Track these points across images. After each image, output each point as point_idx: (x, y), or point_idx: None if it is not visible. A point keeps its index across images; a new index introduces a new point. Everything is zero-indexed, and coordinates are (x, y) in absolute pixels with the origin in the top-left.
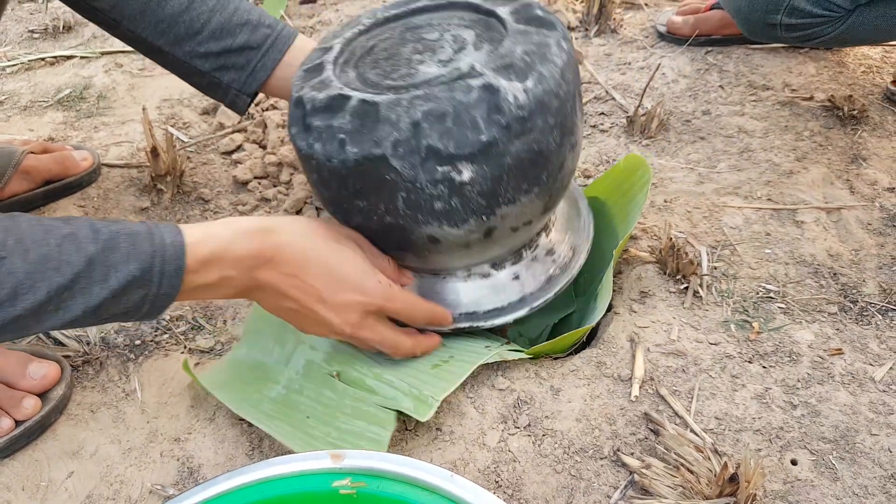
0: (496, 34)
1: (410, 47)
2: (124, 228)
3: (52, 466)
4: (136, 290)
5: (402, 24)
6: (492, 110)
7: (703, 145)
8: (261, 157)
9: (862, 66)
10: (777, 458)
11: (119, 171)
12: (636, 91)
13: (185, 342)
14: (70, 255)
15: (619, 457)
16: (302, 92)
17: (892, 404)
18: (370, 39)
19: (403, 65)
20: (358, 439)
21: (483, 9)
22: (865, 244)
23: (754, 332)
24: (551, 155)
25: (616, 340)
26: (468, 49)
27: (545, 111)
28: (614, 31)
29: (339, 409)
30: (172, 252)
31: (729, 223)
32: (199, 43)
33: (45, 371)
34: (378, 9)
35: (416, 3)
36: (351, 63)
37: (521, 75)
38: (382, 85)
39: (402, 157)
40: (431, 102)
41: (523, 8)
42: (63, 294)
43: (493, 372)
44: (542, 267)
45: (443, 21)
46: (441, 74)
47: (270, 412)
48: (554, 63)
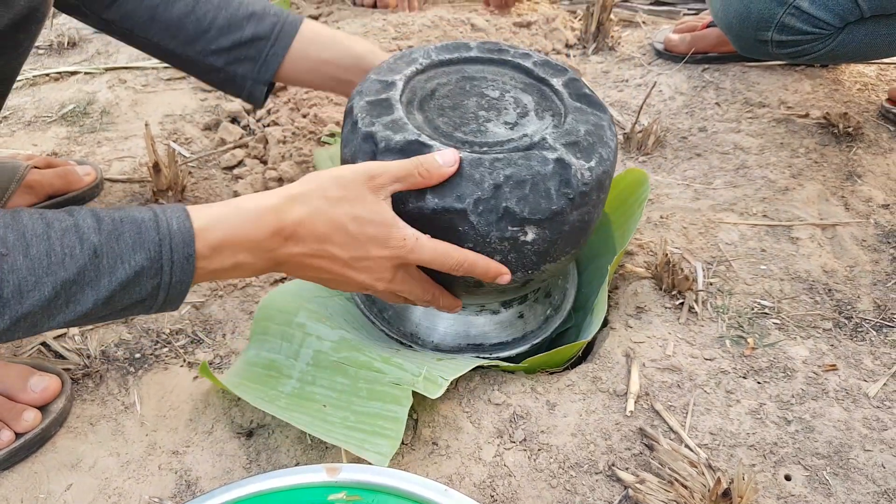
0: (554, 105)
1: (474, 101)
2: (128, 216)
3: (50, 479)
4: (146, 280)
5: (457, 71)
6: (563, 184)
7: (700, 162)
8: (262, 173)
9: (857, 83)
10: (771, 473)
11: (121, 186)
12: (633, 108)
13: (185, 356)
14: (73, 247)
15: (614, 472)
16: (374, 128)
17: (885, 420)
18: (428, 81)
19: (471, 119)
20: (376, 419)
21: (535, 74)
22: (860, 260)
23: (749, 347)
24: (593, 223)
25: (612, 355)
26: (530, 116)
27: (600, 188)
28: (612, 48)
29: (354, 394)
30: (180, 239)
31: (724, 239)
32: (209, 41)
33: (46, 384)
34: (430, 48)
35: (466, 51)
36: (415, 104)
37: (586, 155)
38: (455, 137)
39: (481, 214)
40: (512, 168)
41: (572, 82)
42: (71, 288)
43: (489, 386)
44: (542, 308)
45: (497, 77)
46: (511, 138)
47: (287, 406)
48: (609, 146)
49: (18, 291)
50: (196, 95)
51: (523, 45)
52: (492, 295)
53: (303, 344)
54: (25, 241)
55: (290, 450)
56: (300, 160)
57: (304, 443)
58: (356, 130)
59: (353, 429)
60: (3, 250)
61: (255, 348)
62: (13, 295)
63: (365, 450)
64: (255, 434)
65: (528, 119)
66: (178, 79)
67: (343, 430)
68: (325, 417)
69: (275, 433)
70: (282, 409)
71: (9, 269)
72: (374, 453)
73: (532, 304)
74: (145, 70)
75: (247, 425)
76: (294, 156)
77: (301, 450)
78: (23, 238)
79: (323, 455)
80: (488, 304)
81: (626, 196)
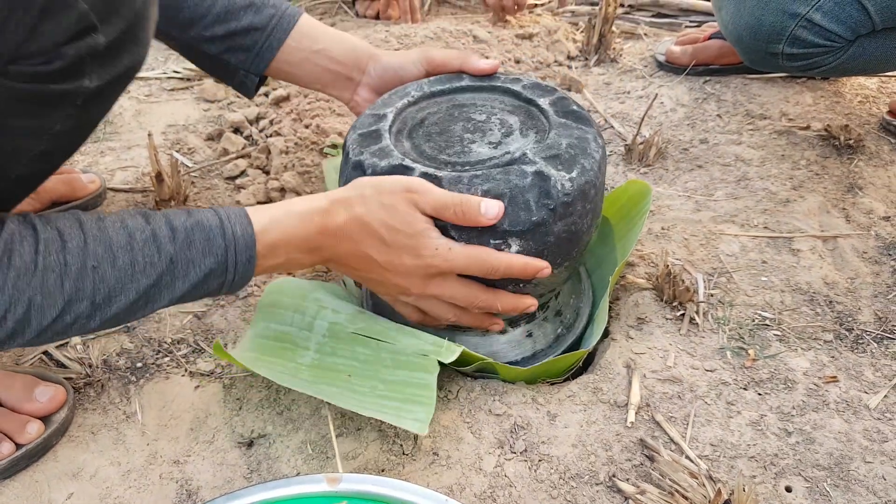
0: (539, 123)
1: (461, 126)
2: (198, 224)
3: (51, 488)
4: (213, 279)
5: (447, 100)
6: (542, 195)
7: (701, 173)
8: (264, 183)
9: (858, 96)
10: (772, 484)
11: (124, 196)
12: (635, 119)
13: (186, 365)
14: (153, 256)
15: (615, 483)
16: (362, 157)
17: (886, 432)
18: (419, 111)
19: (456, 142)
20: (405, 387)
21: (523, 97)
22: (861, 272)
23: (750, 359)
24: (583, 234)
25: (612, 366)
26: (515, 135)
27: (584, 198)
28: (614, 60)
29: (379, 363)
30: (243, 243)
31: (725, 251)
32: (204, 27)
33: (52, 394)
34: (423, 82)
35: (459, 81)
36: (404, 133)
37: (567, 166)
38: (439, 159)
39: (462, 228)
40: (490, 182)
41: (560, 101)
42: (150, 291)
43: (489, 397)
44: (552, 326)
45: (486, 103)
46: (494, 156)
47: (310, 378)
48: (593, 157)
49: (108, 298)
50: (199, 106)
51: (525, 56)
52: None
53: (317, 316)
54: (112, 253)
55: (291, 459)
56: (302, 170)
57: (304, 452)
58: (348, 161)
59: (384, 397)
60: (94, 263)
61: (263, 321)
62: (103, 301)
63: (402, 418)
64: (256, 444)
65: (512, 138)
66: (181, 89)
67: (374, 399)
68: (353, 388)
69: (276, 443)
70: (307, 383)
71: (99, 279)
72: (413, 420)
73: (541, 323)
74: (149, 80)
75: (248, 435)
76: (297, 166)
77: (302, 459)
78: (110, 250)
79: (324, 465)
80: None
81: (628, 208)
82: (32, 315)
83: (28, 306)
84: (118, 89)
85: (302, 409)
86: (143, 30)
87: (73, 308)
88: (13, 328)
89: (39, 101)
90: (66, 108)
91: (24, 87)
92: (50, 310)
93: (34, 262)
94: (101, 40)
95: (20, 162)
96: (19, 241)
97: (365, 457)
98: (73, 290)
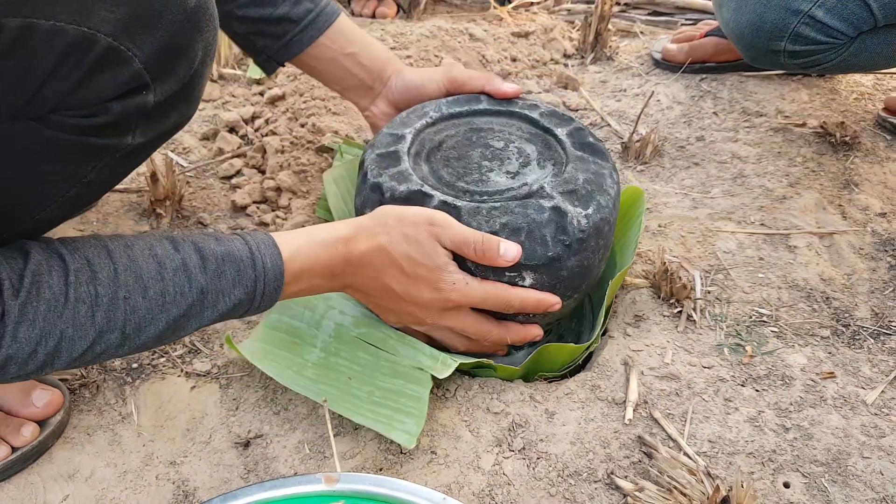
0: (556, 155)
1: (479, 152)
2: (228, 254)
3: (47, 489)
4: (241, 308)
5: (465, 123)
6: (559, 231)
7: (697, 171)
8: (259, 182)
9: (854, 92)
10: (770, 480)
11: (118, 196)
12: (631, 117)
13: (182, 366)
14: (183, 287)
15: (613, 480)
16: (380, 179)
17: (883, 427)
18: (437, 133)
19: (475, 169)
20: (399, 396)
21: (541, 125)
22: (857, 268)
23: (747, 355)
24: (594, 268)
25: (610, 364)
26: (532, 165)
27: (598, 235)
28: (610, 58)
29: (377, 370)
30: (273, 275)
31: (722, 248)
32: (238, 6)
33: (49, 399)
34: (441, 101)
35: (477, 104)
36: (422, 156)
37: (583, 202)
38: (457, 186)
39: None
40: (508, 216)
41: (577, 132)
42: (179, 321)
43: (487, 395)
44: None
45: (504, 128)
46: (511, 187)
47: (313, 377)
48: (608, 194)
49: (138, 328)
50: None
51: (521, 54)
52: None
53: (325, 315)
54: (143, 283)
55: (289, 459)
56: (298, 169)
57: (302, 452)
58: (366, 181)
59: (378, 404)
60: (126, 294)
61: (277, 312)
62: (133, 331)
63: (393, 428)
64: (253, 444)
65: (529, 168)
66: None
67: (369, 405)
68: (351, 391)
69: (273, 443)
70: (307, 381)
71: (130, 310)
72: (402, 432)
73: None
74: None
75: (244, 435)
76: (292, 165)
77: (299, 459)
78: (140, 280)
79: (321, 464)
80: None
81: (624, 214)
82: (63, 348)
83: (59, 339)
84: (159, 144)
85: (299, 409)
86: (196, 88)
87: (103, 339)
88: (44, 360)
89: (78, 152)
90: (104, 160)
91: (63, 137)
92: (81, 342)
93: (64, 293)
94: (151, 99)
95: (46, 206)
96: (47, 271)
97: (363, 456)
98: (105, 322)
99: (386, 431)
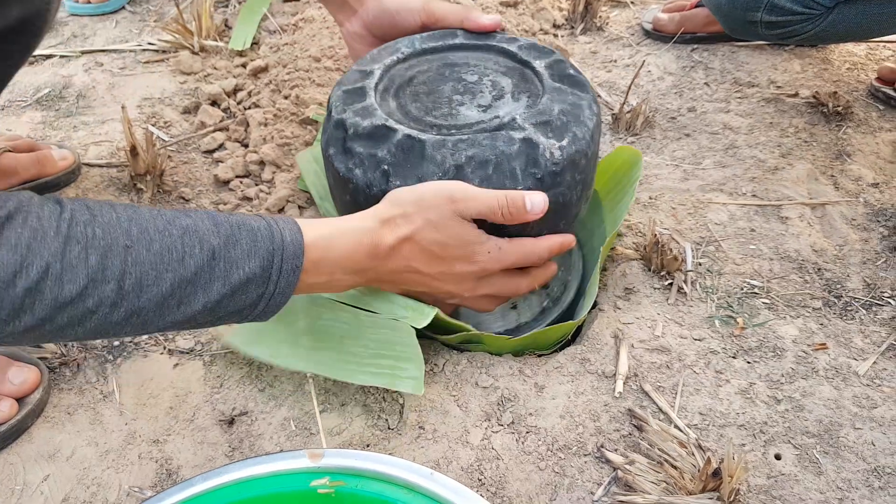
0: (533, 87)
1: (450, 86)
2: (244, 223)
3: (27, 469)
4: (254, 287)
5: (439, 59)
6: (529, 163)
7: (689, 142)
8: (242, 156)
9: (846, 62)
10: (761, 452)
11: (99, 171)
12: (622, 88)
13: (165, 343)
14: (193, 247)
15: (603, 453)
16: (344, 115)
17: (875, 398)
18: (409, 69)
19: (444, 104)
20: (392, 345)
21: (519, 58)
22: (850, 239)
23: (739, 327)
24: (572, 206)
25: (600, 337)
26: (506, 98)
27: (574, 168)
28: (600, 28)
29: (363, 325)
30: (292, 251)
31: (714, 219)
32: None
33: (25, 376)
34: (416, 37)
35: (452, 38)
36: (391, 91)
37: (557, 134)
38: (425, 121)
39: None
40: (475, 148)
41: (556, 64)
42: (186, 288)
43: (476, 370)
44: (538, 300)
45: (480, 63)
46: (482, 120)
47: (308, 344)
48: (586, 125)
49: (139, 285)
50: (175, 78)
51: (510, 24)
52: None
53: None
54: (149, 236)
55: (274, 436)
56: (282, 142)
57: (287, 429)
58: (330, 118)
59: (377, 356)
60: (128, 242)
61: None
62: (132, 288)
63: (399, 377)
64: (238, 421)
65: (502, 101)
66: (156, 62)
67: (369, 359)
68: (348, 349)
69: (258, 420)
70: (305, 350)
71: (132, 261)
72: (408, 379)
73: (526, 296)
74: (122, 53)
75: (229, 412)
76: (276, 138)
77: (285, 436)
78: (146, 233)
79: (307, 441)
80: None
81: (619, 177)
82: (47, 285)
83: (44, 273)
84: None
85: (284, 386)
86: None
87: (97, 289)
88: (22, 297)
89: None
90: None
91: None
92: (70, 285)
93: (56, 228)
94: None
95: None
96: (38, 205)
97: (350, 432)
98: (100, 267)
99: (391, 384)
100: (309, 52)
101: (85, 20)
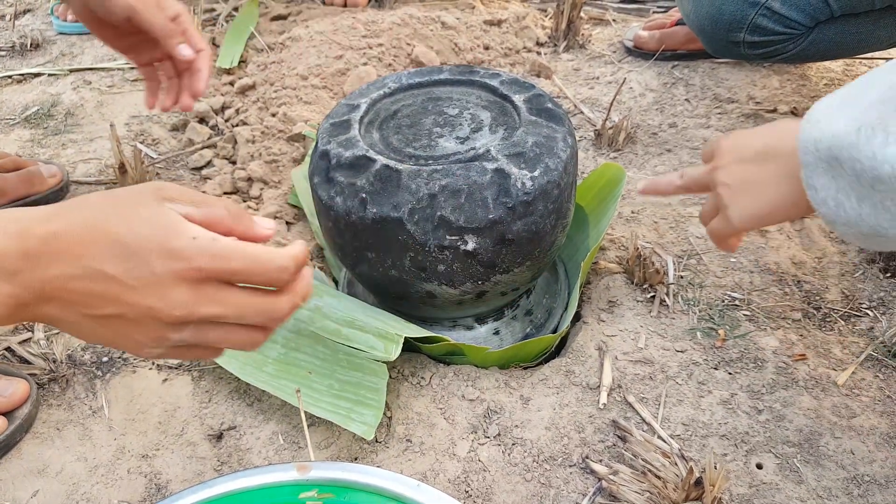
0: (510, 120)
1: (432, 119)
2: None
3: (16, 486)
4: None
5: (424, 93)
6: (501, 193)
7: (670, 157)
8: (230, 173)
9: (824, 79)
10: (743, 462)
11: (87, 188)
12: (604, 105)
13: (154, 358)
14: None
15: (588, 464)
16: (329, 146)
17: (854, 407)
18: (394, 103)
19: (424, 136)
20: (358, 388)
21: (499, 92)
22: (828, 252)
23: (720, 339)
24: (546, 235)
25: (584, 349)
26: (484, 131)
27: (546, 198)
28: (582, 46)
29: (336, 363)
30: None
31: (695, 233)
32: None
33: (13, 390)
34: (403, 74)
35: (438, 74)
36: (375, 124)
37: (530, 165)
38: (404, 152)
39: (416, 222)
40: (449, 178)
41: (535, 98)
42: None
43: (462, 382)
44: (521, 325)
45: (462, 97)
46: (458, 151)
47: (274, 373)
48: (559, 157)
49: None
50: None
51: (494, 42)
52: (461, 309)
53: None
54: None
55: (263, 450)
56: (269, 159)
57: (276, 443)
58: (316, 149)
59: (338, 397)
60: None
61: None
62: None
63: (352, 420)
64: (226, 435)
65: (480, 133)
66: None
67: (329, 398)
68: (311, 384)
69: (246, 434)
70: (268, 376)
71: None
72: (360, 423)
73: (509, 322)
74: (111, 71)
75: (217, 427)
76: (263, 155)
77: (273, 450)
78: None
79: (296, 455)
80: (461, 319)
81: (604, 193)
82: None
83: None
84: None
85: (273, 400)
86: None
87: None
88: None
89: None
90: None
91: None
92: None
93: None
94: None
95: None
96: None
97: (337, 446)
98: None
99: (345, 423)
100: (296, 70)
101: (73, 38)
